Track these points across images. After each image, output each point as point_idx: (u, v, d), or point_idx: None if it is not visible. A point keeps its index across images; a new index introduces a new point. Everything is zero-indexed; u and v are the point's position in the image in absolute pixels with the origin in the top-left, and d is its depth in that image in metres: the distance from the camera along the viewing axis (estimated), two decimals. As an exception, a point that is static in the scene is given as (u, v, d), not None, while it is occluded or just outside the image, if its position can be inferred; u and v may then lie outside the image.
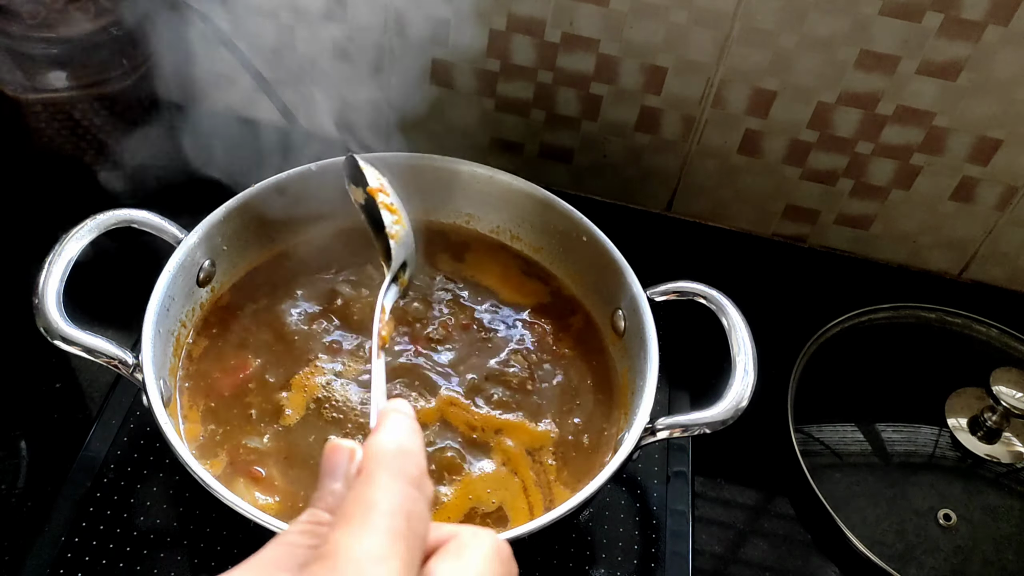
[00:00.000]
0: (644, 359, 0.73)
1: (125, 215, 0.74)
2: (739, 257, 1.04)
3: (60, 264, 0.69)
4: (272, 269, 0.85)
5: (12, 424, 0.81)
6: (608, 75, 0.95)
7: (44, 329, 0.67)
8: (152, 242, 0.76)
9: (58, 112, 0.91)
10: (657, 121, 0.98)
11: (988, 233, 0.99)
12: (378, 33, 0.96)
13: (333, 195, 0.86)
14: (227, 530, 0.75)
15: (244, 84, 1.04)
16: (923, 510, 0.83)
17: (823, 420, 0.88)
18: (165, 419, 0.66)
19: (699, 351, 0.92)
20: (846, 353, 0.93)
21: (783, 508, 0.83)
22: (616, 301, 0.80)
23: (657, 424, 0.70)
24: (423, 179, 0.87)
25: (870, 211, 1.00)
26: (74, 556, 0.72)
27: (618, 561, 0.77)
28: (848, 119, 0.93)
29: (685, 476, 0.82)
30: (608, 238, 0.81)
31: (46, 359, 0.85)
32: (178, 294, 0.76)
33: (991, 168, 0.94)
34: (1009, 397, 0.83)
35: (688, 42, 0.90)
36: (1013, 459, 0.87)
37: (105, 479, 0.76)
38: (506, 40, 0.94)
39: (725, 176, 1.01)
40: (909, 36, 0.85)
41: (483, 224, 0.90)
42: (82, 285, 0.72)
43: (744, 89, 0.93)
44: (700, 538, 0.80)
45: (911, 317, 0.97)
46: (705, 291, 0.76)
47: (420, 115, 0.99)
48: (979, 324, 0.97)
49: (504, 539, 0.41)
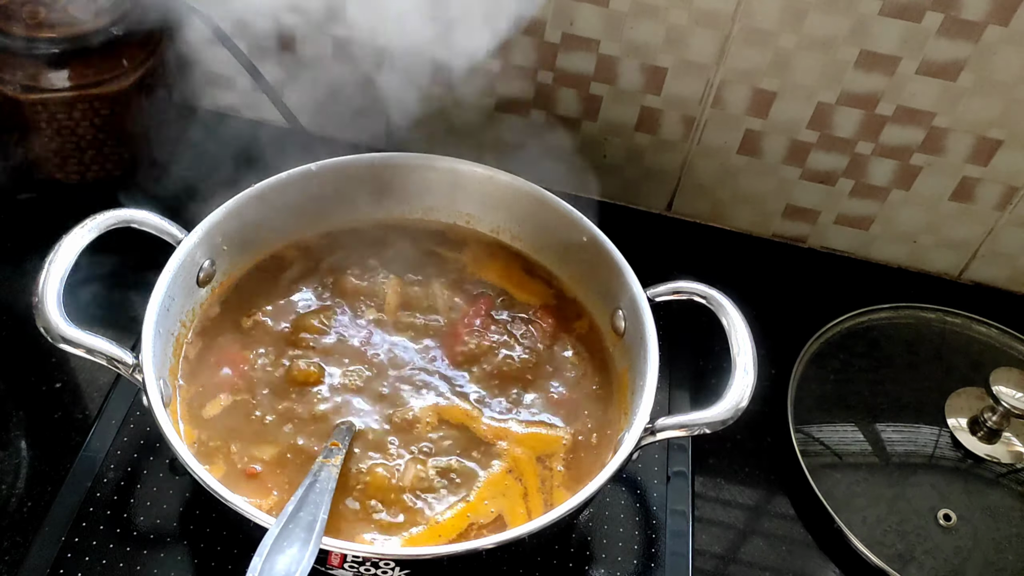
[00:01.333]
0: (644, 359, 0.73)
1: (125, 215, 0.74)
2: (739, 257, 1.04)
3: (60, 264, 0.69)
4: (272, 269, 0.85)
5: (12, 424, 0.81)
6: (608, 75, 0.95)
7: (44, 329, 0.67)
8: (152, 242, 0.76)
9: (58, 112, 0.91)
10: (657, 121, 0.98)
11: (988, 233, 0.99)
12: (378, 33, 0.96)
13: (333, 195, 0.86)
14: (227, 530, 0.74)
15: (244, 84, 1.04)
16: (923, 510, 0.82)
17: (823, 420, 0.88)
18: (165, 419, 0.66)
19: (699, 351, 0.92)
20: (846, 353, 0.93)
21: (783, 508, 0.83)
22: (616, 301, 0.80)
23: (657, 424, 0.70)
24: (423, 179, 0.87)
25: (870, 211, 1.00)
26: (74, 556, 0.72)
27: (618, 561, 0.77)
28: (848, 119, 0.93)
29: (685, 476, 0.82)
30: (608, 238, 0.81)
31: (46, 359, 0.85)
32: (178, 294, 0.76)
33: (991, 168, 0.94)
34: (1009, 397, 0.83)
35: (688, 42, 0.90)
36: (1013, 459, 0.87)
37: (105, 479, 0.76)
38: (506, 41, 0.94)
39: (725, 176, 1.01)
40: (909, 36, 0.85)
41: (483, 224, 0.89)
42: (82, 285, 0.72)
43: (744, 89, 0.93)
44: (700, 538, 0.80)
45: (911, 317, 0.97)
46: (705, 291, 0.76)
47: (420, 115, 0.99)
48: (979, 324, 0.97)
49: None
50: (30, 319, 0.67)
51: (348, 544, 0.62)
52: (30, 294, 0.68)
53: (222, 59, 1.01)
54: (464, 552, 0.63)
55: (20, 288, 0.89)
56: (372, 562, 0.62)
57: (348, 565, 0.63)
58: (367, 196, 0.87)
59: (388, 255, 0.87)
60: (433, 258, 0.87)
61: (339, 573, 0.64)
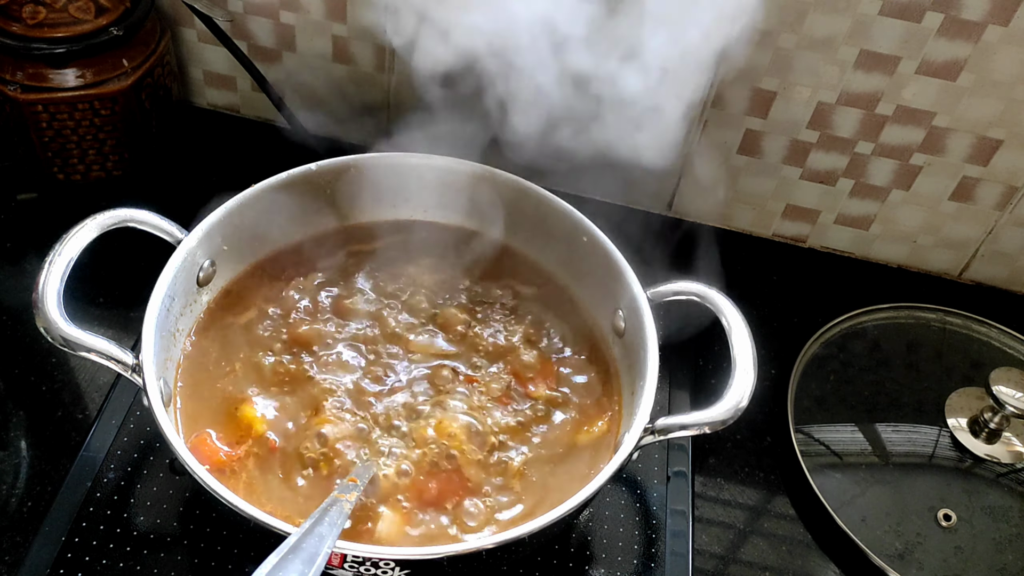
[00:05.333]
0: (644, 359, 0.73)
1: (125, 215, 0.74)
2: (739, 257, 1.04)
3: (60, 264, 0.69)
4: (272, 268, 0.85)
5: (12, 424, 0.81)
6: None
7: (44, 329, 0.67)
8: (152, 242, 0.76)
9: (58, 112, 0.91)
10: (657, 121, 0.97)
11: (988, 233, 0.99)
12: (379, 33, 0.97)
13: (333, 195, 0.86)
14: (227, 530, 0.75)
15: (244, 84, 1.04)
16: (923, 510, 0.83)
17: (823, 420, 0.88)
18: (165, 419, 0.66)
19: (699, 351, 0.92)
20: (846, 353, 0.93)
21: (783, 508, 0.83)
22: (616, 301, 0.80)
23: (657, 424, 0.70)
24: (423, 179, 0.87)
25: (870, 211, 1.00)
26: (74, 556, 0.72)
27: (618, 561, 0.77)
28: (848, 119, 0.93)
29: (685, 476, 0.82)
30: (608, 238, 0.81)
31: (46, 359, 0.85)
32: (178, 294, 0.76)
33: (991, 168, 0.94)
34: (1009, 397, 0.83)
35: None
36: (1013, 459, 0.87)
37: (105, 479, 0.76)
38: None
39: (725, 176, 1.01)
40: (909, 36, 0.85)
41: (483, 223, 0.89)
42: (82, 285, 0.72)
43: (744, 89, 0.93)
44: (700, 538, 0.80)
45: (911, 317, 0.97)
46: (705, 291, 0.76)
47: (420, 115, 0.99)
48: (979, 324, 0.97)
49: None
50: (30, 319, 0.67)
51: (348, 544, 0.62)
52: (30, 294, 0.68)
53: (222, 59, 1.01)
54: (464, 552, 0.63)
55: (20, 288, 0.89)
56: (372, 562, 0.62)
57: (348, 565, 0.63)
58: (367, 196, 0.87)
59: (388, 256, 0.87)
60: (434, 259, 0.87)
61: (339, 573, 0.64)
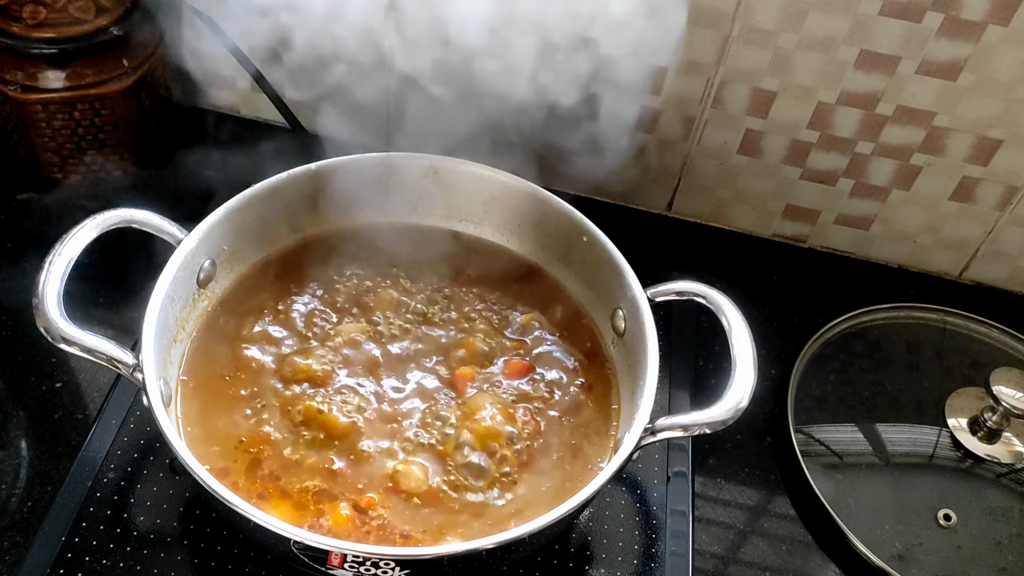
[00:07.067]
0: (644, 359, 0.73)
1: (125, 215, 0.74)
2: (739, 257, 1.04)
3: (60, 264, 0.69)
4: (272, 269, 0.85)
5: (12, 424, 0.81)
6: (608, 75, 0.95)
7: (44, 329, 0.67)
8: (152, 242, 0.76)
9: (58, 112, 0.91)
10: (657, 121, 0.98)
11: (988, 233, 0.99)
12: (379, 33, 0.96)
13: (334, 195, 0.86)
14: (227, 530, 0.75)
15: (244, 84, 1.04)
16: (923, 510, 0.82)
17: (823, 420, 0.88)
18: (165, 419, 0.66)
19: (699, 351, 0.92)
20: (846, 353, 0.93)
21: (783, 508, 0.83)
22: (616, 301, 0.80)
23: (657, 424, 0.70)
24: (423, 179, 0.87)
25: (870, 211, 1.00)
26: (74, 556, 0.72)
27: (618, 561, 0.77)
28: (848, 119, 0.93)
29: (685, 476, 0.82)
30: (608, 238, 0.81)
31: (46, 359, 0.85)
32: (178, 294, 0.76)
33: (991, 168, 0.94)
34: (1009, 397, 0.83)
35: (688, 42, 0.90)
36: (1013, 459, 0.87)
37: (105, 479, 0.76)
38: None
39: (725, 176, 1.01)
40: (909, 36, 0.85)
41: (483, 223, 0.89)
42: (82, 285, 0.72)
43: (744, 89, 0.93)
44: (700, 538, 0.80)
45: (911, 317, 0.97)
46: (705, 291, 0.76)
47: (420, 115, 0.99)
48: (979, 324, 0.97)
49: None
50: (30, 319, 0.67)
51: (348, 544, 0.62)
52: (30, 294, 0.68)
53: (222, 59, 1.01)
54: (464, 552, 0.63)
55: (20, 288, 0.89)
56: (372, 562, 0.62)
57: (348, 565, 0.63)
58: (367, 196, 0.87)
59: (388, 256, 0.87)
60: (434, 260, 0.87)
61: (339, 573, 0.64)
